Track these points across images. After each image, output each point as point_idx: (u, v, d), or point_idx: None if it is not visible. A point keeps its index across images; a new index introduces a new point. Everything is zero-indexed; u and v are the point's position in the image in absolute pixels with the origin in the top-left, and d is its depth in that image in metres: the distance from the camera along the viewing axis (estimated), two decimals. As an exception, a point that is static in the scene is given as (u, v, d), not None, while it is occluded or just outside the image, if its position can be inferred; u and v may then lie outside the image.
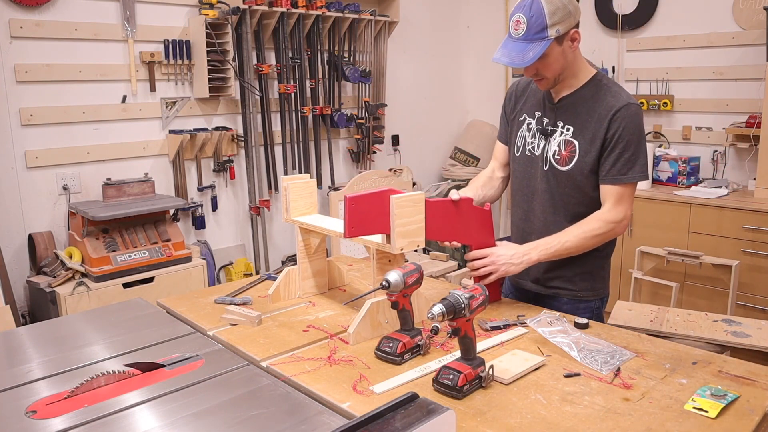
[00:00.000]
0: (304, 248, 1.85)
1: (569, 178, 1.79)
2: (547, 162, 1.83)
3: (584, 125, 1.76)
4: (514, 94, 1.98)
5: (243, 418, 1.18)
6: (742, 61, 3.91)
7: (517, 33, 1.69)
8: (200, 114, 3.70)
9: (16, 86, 3.04)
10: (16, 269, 3.10)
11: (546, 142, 1.83)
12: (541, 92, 1.87)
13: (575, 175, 1.78)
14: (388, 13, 4.40)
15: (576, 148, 1.77)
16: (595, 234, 1.74)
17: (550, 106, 1.84)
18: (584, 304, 1.91)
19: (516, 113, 1.94)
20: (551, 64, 1.71)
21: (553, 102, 1.83)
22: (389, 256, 1.61)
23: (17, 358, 1.49)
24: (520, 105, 1.94)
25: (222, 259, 3.86)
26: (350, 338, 1.52)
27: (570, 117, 1.79)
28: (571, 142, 1.78)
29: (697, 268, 3.55)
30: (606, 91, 1.76)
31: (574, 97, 1.79)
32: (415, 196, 1.56)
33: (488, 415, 1.20)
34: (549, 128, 1.82)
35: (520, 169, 1.92)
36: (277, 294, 1.84)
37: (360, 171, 4.47)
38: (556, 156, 1.81)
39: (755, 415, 1.19)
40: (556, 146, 1.80)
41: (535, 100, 1.89)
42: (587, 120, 1.76)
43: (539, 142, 1.85)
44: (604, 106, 1.74)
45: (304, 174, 2.06)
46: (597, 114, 1.74)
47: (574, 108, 1.79)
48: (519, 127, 1.91)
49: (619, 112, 1.71)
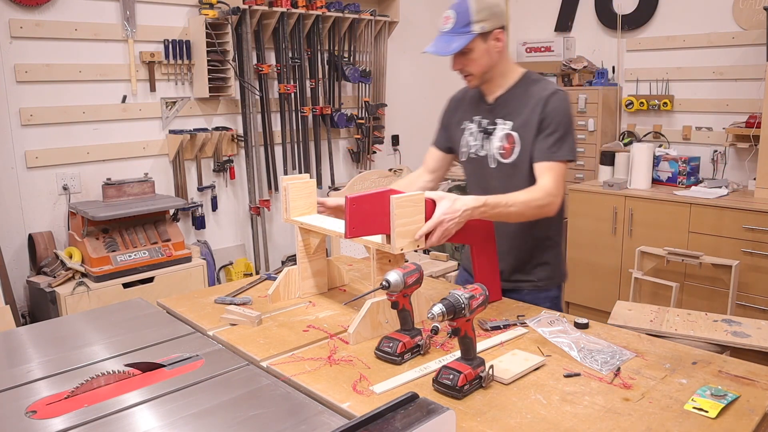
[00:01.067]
0: (304, 248, 1.85)
1: (516, 169, 1.90)
2: (493, 160, 1.94)
3: (520, 117, 1.89)
4: (452, 105, 2.11)
5: (243, 418, 1.18)
6: (742, 61, 3.91)
7: (444, 27, 1.82)
8: (200, 114, 3.70)
9: (16, 86, 3.04)
10: (16, 269, 3.10)
11: (489, 140, 1.94)
12: (476, 98, 2.00)
13: (521, 164, 1.89)
14: (388, 13, 4.40)
15: (516, 139, 1.89)
16: (537, 204, 1.78)
17: (486, 107, 1.96)
18: (544, 294, 2.00)
19: (456, 122, 2.06)
20: (476, 59, 1.84)
21: (488, 103, 1.96)
22: (389, 256, 1.61)
23: (17, 358, 1.49)
24: (458, 114, 2.05)
25: (222, 259, 3.86)
26: (350, 338, 1.52)
27: (506, 112, 1.92)
28: (511, 135, 1.90)
29: (697, 268, 3.55)
30: (535, 84, 1.91)
31: (507, 95, 1.93)
32: (415, 196, 1.56)
33: (488, 415, 1.20)
34: (489, 127, 1.94)
35: (470, 172, 2.03)
36: (276, 294, 1.84)
37: (360, 171, 4.48)
38: (500, 151, 1.92)
39: (755, 415, 1.19)
40: (499, 142, 1.92)
41: (471, 106, 2.02)
42: (522, 111, 1.88)
43: (482, 142, 1.96)
44: (535, 96, 1.87)
45: (303, 174, 2.06)
46: (530, 104, 1.87)
47: (509, 104, 1.92)
48: (461, 134, 2.03)
49: (548, 98, 1.85)
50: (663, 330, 2.52)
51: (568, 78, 4.52)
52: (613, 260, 4.01)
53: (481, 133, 1.96)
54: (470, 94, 2.04)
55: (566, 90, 1.95)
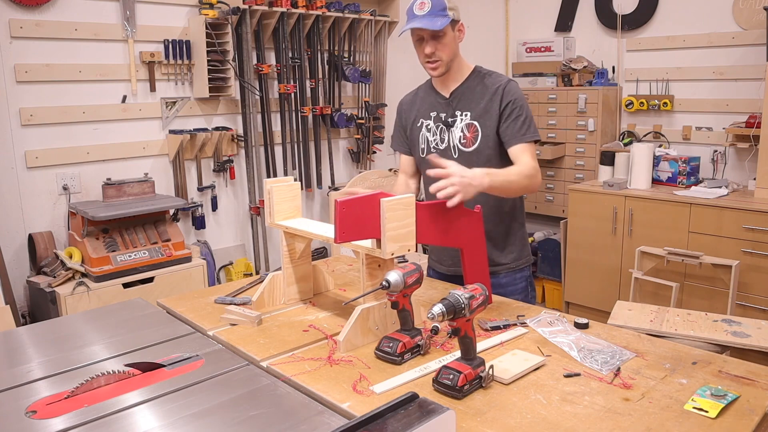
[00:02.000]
0: (288, 253, 1.82)
1: (479, 155, 2.02)
2: (455, 150, 2.05)
3: (479, 106, 2.02)
4: (405, 107, 2.22)
5: (243, 418, 1.18)
6: (742, 61, 3.91)
7: (422, 11, 1.92)
8: (200, 114, 3.70)
9: (16, 86, 3.04)
10: (16, 269, 3.10)
11: (449, 132, 2.06)
12: (430, 95, 2.13)
13: (483, 150, 2.02)
14: (388, 13, 4.40)
15: (477, 127, 2.02)
16: (528, 174, 1.92)
17: (443, 102, 2.09)
18: (519, 274, 2.14)
19: (411, 122, 2.17)
20: (447, 44, 1.97)
21: (445, 97, 2.09)
22: (378, 261, 1.58)
23: (17, 358, 1.49)
24: (413, 115, 2.17)
25: (222, 259, 3.86)
26: (341, 346, 1.49)
27: (465, 104, 2.05)
28: (472, 124, 2.03)
29: (697, 268, 3.55)
30: (488, 76, 2.06)
31: (463, 88, 2.06)
32: (406, 199, 1.52)
33: (488, 415, 1.20)
34: (449, 120, 2.06)
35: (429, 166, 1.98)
36: (261, 300, 1.80)
37: (360, 171, 4.48)
38: (462, 141, 2.04)
39: (755, 415, 1.19)
40: (460, 132, 2.04)
41: (426, 104, 2.14)
42: (480, 101, 2.02)
43: (442, 135, 2.08)
44: (491, 86, 2.03)
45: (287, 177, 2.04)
46: (487, 94, 2.02)
47: (466, 95, 2.05)
48: (418, 132, 2.13)
49: (506, 87, 2.01)
50: (663, 330, 2.52)
51: (568, 78, 4.52)
52: (613, 260, 4.01)
53: (441, 126, 2.08)
54: (420, 95, 2.18)
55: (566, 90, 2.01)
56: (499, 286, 2.09)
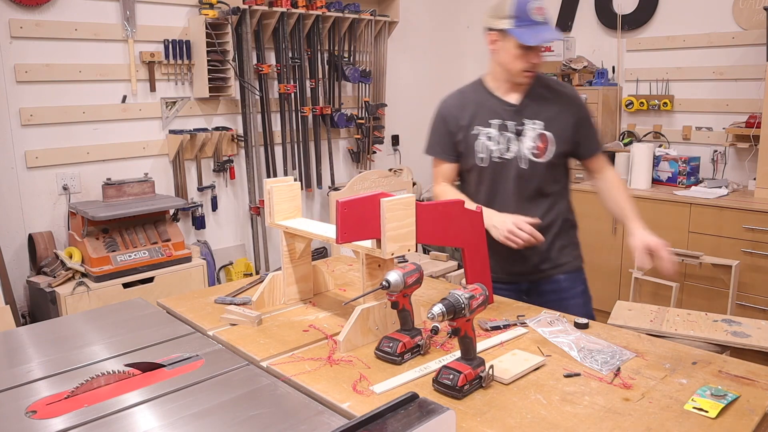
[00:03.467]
0: (288, 253, 1.82)
1: (549, 166, 1.96)
2: (523, 160, 1.96)
3: (550, 115, 1.95)
4: (451, 113, 2.05)
5: (243, 418, 1.18)
6: (742, 61, 3.91)
7: (541, 16, 1.85)
8: (200, 114, 3.70)
9: (16, 86, 3.04)
10: (16, 269, 3.10)
11: (518, 142, 1.96)
12: (489, 102, 1.99)
13: (553, 161, 1.96)
14: (388, 13, 4.40)
15: (550, 138, 1.95)
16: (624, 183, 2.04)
17: (510, 110, 1.97)
18: (578, 274, 2.08)
19: (464, 129, 2.02)
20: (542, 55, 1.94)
21: (513, 105, 1.97)
22: (378, 261, 1.58)
23: (17, 358, 1.49)
24: (465, 120, 2.01)
25: (222, 259, 3.86)
26: (341, 346, 1.49)
27: (535, 112, 1.96)
28: (544, 134, 1.95)
29: (697, 268, 3.55)
30: (552, 83, 2.03)
31: (532, 95, 1.97)
32: (406, 199, 1.52)
33: (488, 415, 1.20)
34: (519, 128, 1.96)
35: (490, 176, 2.01)
36: (261, 301, 1.80)
37: (360, 171, 4.47)
38: (534, 151, 1.95)
39: (755, 415, 1.19)
40: (531, 142, 1.95)
41: (484, 110, 1.99)
42: (551, 109, 1.96)
43: (508, 144, 1.96)
44: (561, 94, 1.99)
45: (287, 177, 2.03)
46: (559, 103, 1.97)
47: (536, 104, 1.96)
48: (474, 139, 2.00)
49: (578, 96, 2.03)
50: (663, 330, 2.52)
51: (568, 78, 4.52)
52: (613, 260, 4.01)
53: (508, 134, 1.96)
54: (472, 99, 2.03)
55: None
56: (559, 291, 2.03)
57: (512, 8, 1.83)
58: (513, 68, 1.89)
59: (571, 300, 2.03)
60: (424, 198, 4.57)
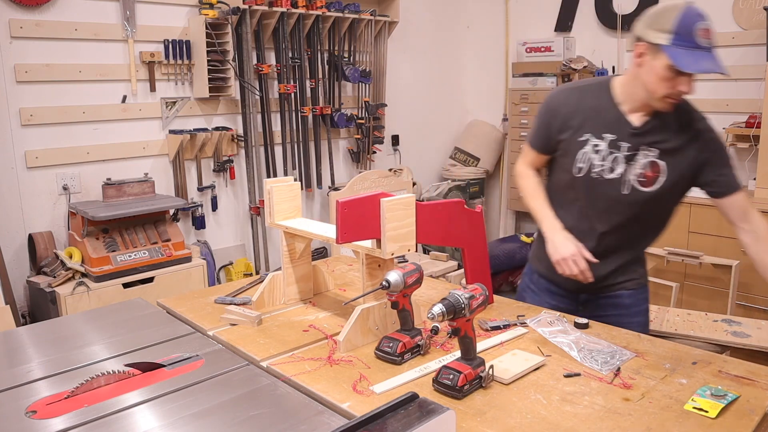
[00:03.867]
0: (288, 253, 1.81)
1: (654, 199, 1.76)
2: (626, 186, 1.76)
3: (670, 145, 1.72)
4: (563, 111, 1.83)
5: (243, 418, 1.18)
6: (742, 61, 3.91)
7: (707, 41, 1.62)
8: (200, 114, 3.70)
9: (16, 86, 3.04)
10: (16, 269, 3.10)
11: (627, 165, 1.75)
12: (608, 114, 1.77)
13: (661, 195, 1.75)
14: (388, 13, 4.40)
15: (663, 168, 1.73)
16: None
17: (630, 131, 1.74)
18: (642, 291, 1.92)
19: (573, 132, 1.81)
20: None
21: (634, 126, 1.74)
22: (378, 261, 1.57)
23: (17, 358, 1.49)
24: (576, 122, 1.80)
25: (222, 259, 3.86)
26: (341, 346, 1.49)
27: (654, 139, 1.73)
28: (657, 164, 1.73)
29: (697, 268, 3.55)
30: (683, 112, 1.75)
31: (657, 120, 1.73)
32: (406, 199, 1.52)
33: (488, 415, 1.20)
34: (631, 153, 1.74)
35: (583, 189, 1.82)
36: (261, 301, 1.80)
37: (360, 171, 4.48)
38: (640, 179, 1.74)
39: (755, 415, 1.19)
40: (640, 169, 1.74)
41: (601, 120, 1.77)
42: (673, 139, 1.72)
43: (613, 165, 1.76)
44: (689, 125, 1.73)
45: (287, 177, 2.02)
46: (685, 134, 1.72)
47: (658, 130, 1.73)
48: (580, 146, 1.79)
49: (711, 132, 1.76)
50: (663, 330, 2.51)
51: (568, 78, 4.52)
52: (613, 260, 4.01)
53: (618, 154, 1.75)
54: (590, 104, 1.80)
55: None
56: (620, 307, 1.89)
57: (676, 23, 1.59)
58: (655, 90, 1.64)
59: (633, 318, 1.88)
60: (424, 198, 4.57)
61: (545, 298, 1.96)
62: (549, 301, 1.94)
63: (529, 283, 2.04)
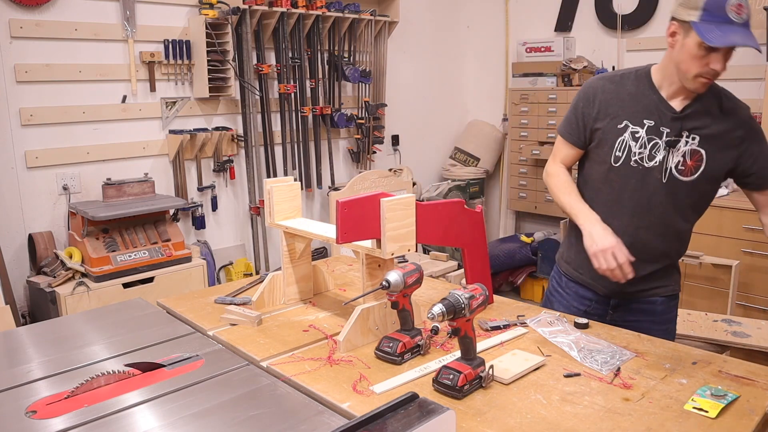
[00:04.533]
0: (288, 253, 1.81)
1: (693, 188, 1.73)
2: (665, 174, 1.72)
3: (710, 132, 1.69)
4: (601, 98, 1.78)
5: (243, 418, 1.18)
6: (742, 61, 3.90)
7: (740, 17, 1.55)
8: (200, 114, 3.70)
9: (16, 86, 3.04)
10: (16, 269, 3.10)
11: (668, 153, 1.70)
12: (647, 98, 1.72)
13: (699, 185, 1.72)
14: (388, 13, 4.40)
15: (703, 156, 1.69)
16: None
17: (670, 115, 1.70)
18: (674, 299, 1.88)
19: (609, 118, 1.76)
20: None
21: (675, 111, 1.70)
22: (378, 261, 1.57)
23: (17, 358, 1.49)
24: (614, 109, 1.75)
25: (222, 259, 3.86)
26: (341, 346, 1.49)
27: (696, 125, 1.69)
28: (697, 152, 1.69)
29: (697, 268, 3.55)
30: (725, 98, 1.72)
31: (698, 105, 1.69)
32: (406, 199, 1.52)
33: (488, 415, 1.20)
34: (672, 138, 1.70)
35: (619, 179, 1.77)
36: (261, 301, 1.79)
37: (360, 171, 4.48)
38: (680, 167, 1.71)
39: (755, 415, 1.19)
40: (681, 157, 1.70)
41: (641, 106, 1.73)
42: (714, 126, 1.69)
43: (653, 153, 1.71)
44: (731, 112, 1.70)
45: (287, 177, 2.01)
46: (726, 121, 1.69)
47: (700, 115, 1.69)
48: (618, 134, 1.74)
49: (753, 122, 1.71)
50: (663, 330, 2.51)
51: (568, 78, 4.52)
52: (613, 260, 4.01)
53: (658, 142, 1.70)
54: (629, 90, 1.75)
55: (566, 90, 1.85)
56: (652, 313, 1.84)
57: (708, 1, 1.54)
58: (687, 70, 1.60)
59: (664, 325, 1.85)
60: (424, 198, 4.57)
61: (573, 303, 1.91)
62: (578, 306, 1.89)
63: (557, 287, 1.98)
